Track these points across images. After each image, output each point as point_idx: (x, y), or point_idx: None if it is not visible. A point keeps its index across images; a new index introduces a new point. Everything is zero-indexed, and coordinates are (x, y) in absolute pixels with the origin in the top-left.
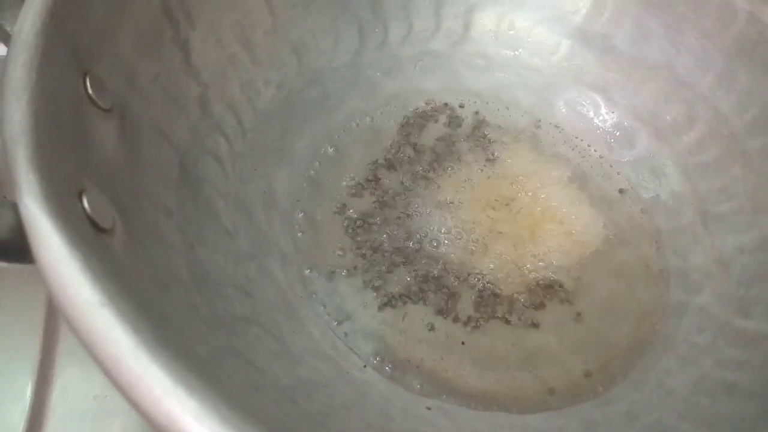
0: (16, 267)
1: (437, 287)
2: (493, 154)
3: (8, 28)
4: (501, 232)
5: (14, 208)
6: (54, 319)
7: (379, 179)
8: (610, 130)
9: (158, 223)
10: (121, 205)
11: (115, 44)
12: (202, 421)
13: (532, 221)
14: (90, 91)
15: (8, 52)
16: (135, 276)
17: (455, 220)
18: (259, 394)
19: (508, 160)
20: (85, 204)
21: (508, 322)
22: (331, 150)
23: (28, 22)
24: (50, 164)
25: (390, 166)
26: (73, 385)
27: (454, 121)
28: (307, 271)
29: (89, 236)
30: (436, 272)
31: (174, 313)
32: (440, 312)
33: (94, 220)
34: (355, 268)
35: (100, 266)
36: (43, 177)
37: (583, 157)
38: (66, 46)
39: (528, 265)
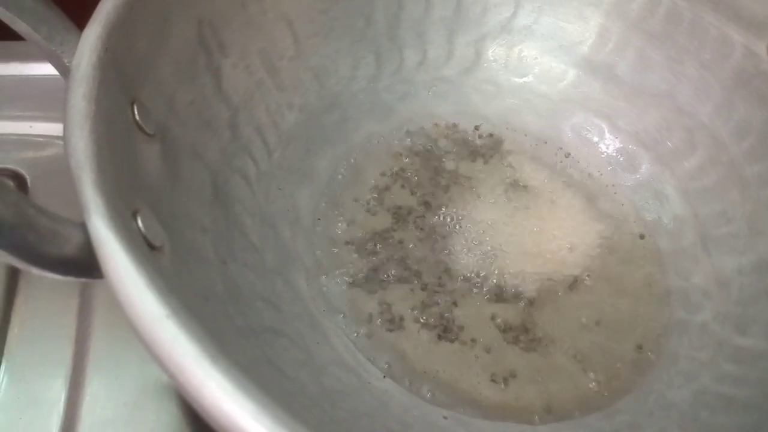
0: (47, 278)
1: (449, 303)
2: (503, 175)
3: (66, 61)
4: (506, 248)
5: (82, 228)
6: (85, 327)
7: (395, 198)
8: (614, 154)
9: (196, 241)
10: (166, 224)
11: (156, 73)
12: (259, 420)
13: (537, 239)
14: (137, 117)
15: (68, 84)
16: (183, 290)
17: (468, 236)
18: (293, 399)
19: (516, 181)
20: (140, 224)
21: (516, 335)
22: (350, 170)
23: (86, 55)
24: (111, 186)
25: (406, 185)
26: (103, 392)
27: (467, 144)
28: (325, 287)
29: (146, 254)
30: (448, 287)
31: (214, 325)
32: (452, 327)
33: (148, 239)
34: (369, 283)
35: (160, 281)
36: (107, 199)
37: (588, 180)
38: (117, 75)
39: (532, 280)
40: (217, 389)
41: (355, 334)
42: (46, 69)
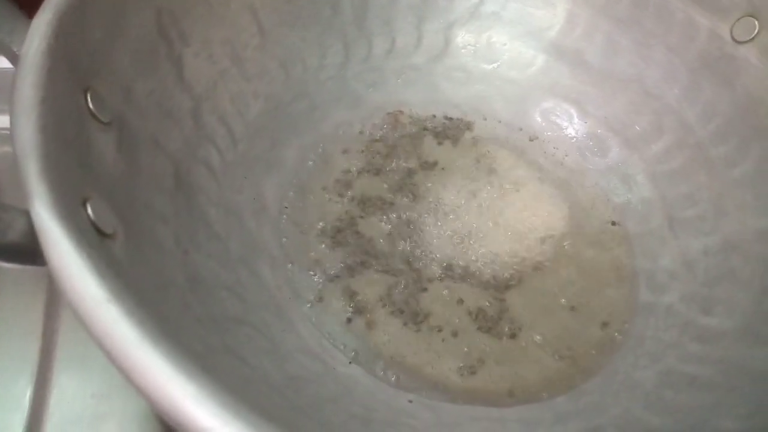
0: (13, 271)
1: (417, 289)
2: (473, 162)
3: (15, 49)
4: (476, 234)
5: (26, 215)
6: (52, 322)
7: (364, 186)
8: (583, 139)
9: (155, 230)
10: (121, 213)
11: (112, 62)
12: (201, 404)
13: (507, 224)
14: (91, 106)
15: (17, 71)
16: (135, 278)
17: (437, 222)
18: (252, 386)
19: (486, 167)
20: (90, 211)
21: (484, 320)
22: (318, 159)
23: (35, 43)
24: (58, 175)
25: (375, 173)
26: (71, 385)
27: (436, 131)
28: (292, 275)
29: (94, 241)
30: (415, 273)
31: (171, 313)
32: (420, 312)
33: (97, 226)
34: (338, 270)
35: (105, 267)
36: (52, 187)
37: (557, 164)
38: (69, 64)
39: (502, 264)
40: (158, 373)
41: (321, 322)
42: (4, 62)
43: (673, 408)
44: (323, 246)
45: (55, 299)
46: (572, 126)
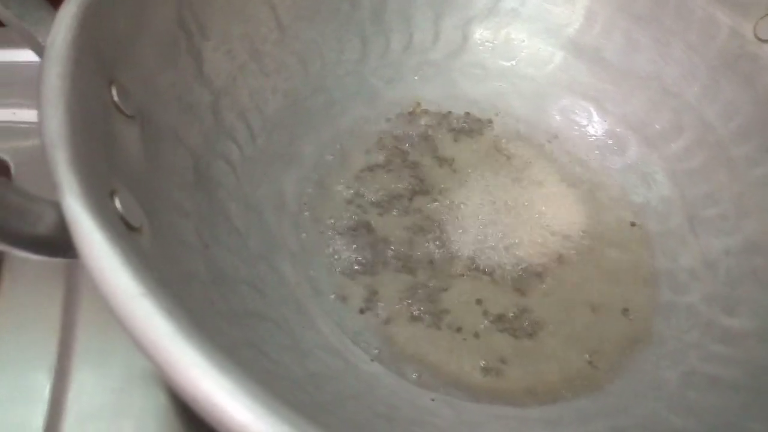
0: (31, 263)
1: (437, 287)
2: (491, 159)
3: (41, 40)
4: (495, 232)
5: (56, 207)
6: (71, 315)
7: (383, 182)
8: (602, 137)
9: (177, 224)
10: (145, 206)
11: (135, 54)
12: (236, 397)
13: (526, 222)
14: (116, 98)
15: (42, 62)
16: (162, 272)
17: (456, 220)
18: (276, 382)
19: (504, 164)
20: (117, 204)
21: (505, 319)
22: (336, 154)
23: (61, 33)
24: (87, 166)
25: (393, 169)
26: (90, 380)
27: (454, 128)
28: (312, 271)
29: (124, 234)
30: (435, 271)
31: (196, 307)
32: (440, 311)
33: (126, 220)
34: (358, 267)
35: (137, 260)
36: (82, 178)
37: (576, 162)
38: (94, 55)
39: (522, 263)
40: (192, 367)
41: (342, 318)
42: (29, 55)
43: (698, 409)
44: (342, 243)
45: (73, 292)
46: (591, 124)
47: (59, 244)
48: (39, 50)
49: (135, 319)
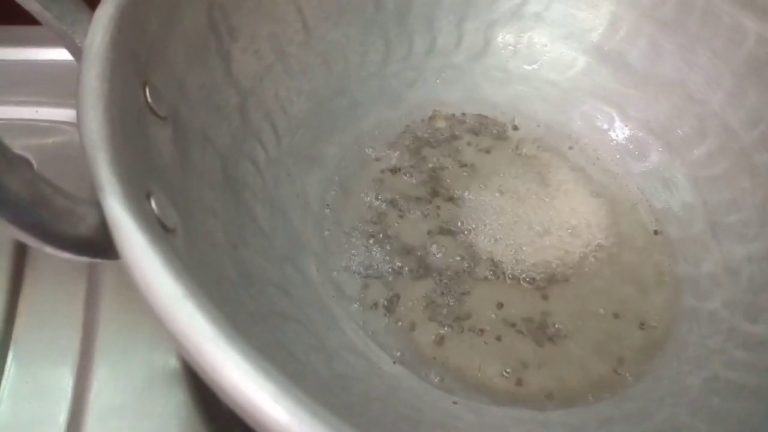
0: (53, 262)
1: (459, 290)
2: (512, 163)
3: (78, 41)
4: (516, 237)
5: (98, 208)
6: (93, 313)
7: (405, 185)
8: (624, 142)
9: (207, 224)
10: (177, 207)
11: (168, 55)
12: (279, 401)
13: (547, 227)
14: (150, 99)
15: (81, 63)
16: (197, 273)
17: (477, 224)
18: (307, 383)
19: (525, 168)
20: (153, 205)
21: (526, 323)
22: (359, 156)
23: (99, 34)
24: (125, 168)
25: (415, 172)
26: (111, 378)
27: (476, 131)
28: (335, 273)
29: (161, 235)
30: (457, 274)
31: (226, 308)
32: (462, 314)
33: (161, 221)
34: (380, 270)
35: (177, 262)
36: (122, 179)
37: (598, 167)
38: (130, 57)
39: (544, 268)
40: (235, 370)
41: (365, 320)
42: (52, 54)
43: (721, 415)
44: (365, 245)
45: (95, 291)
46: (613, 129)
47: (100, 244)
48: (75, 51)
49: (178, 321)
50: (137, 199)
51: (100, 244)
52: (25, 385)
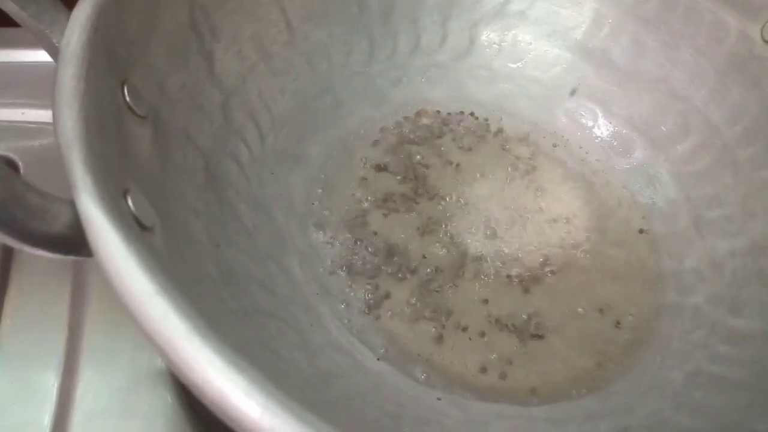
0: (38, 262)
1: (443, 287)
2: (497, 161)
3: (55, 41)
4: (501, 233)
5: (71, 206)
6: (78, 314)
7: (390, 183)
8: (608, 139)
9: (188, 223)
10: (157, 205)
11: (148, 55)
12: (251, 396)
13: (532, 223)
14: (128, 98)
15: (58, 63)
16: (175, 271)
17: (461, 221)
18: (287, 380)
19: (510, 165)
20: (130, 203)
21: (510, 319)
22: (343, 155)
23: (75, 34)
24: (101, 166)
25: (400, 170)
26: (97, 378)
27: (461, 130)
28: (320, 271)
29: (137, 233)
30: (441, 271)
31: (207, 306)
32: (446, 310)
33: (138, 219)
34: (365, 267)
35: (150, 259)
36: (96, 177)
37: (582, 164)
38: (107, 56)
39: (528, 264)
40: (208, 366)
41: (349, 318)
42: (38, 56)
43: (704, 409)
44: (350, 243)
45: (80, 292)
46: (597, 126)
47: (74, 242)
48: (53, 51)
49: (150, 318)
50: (112, 196)
51: (75, 242)
52: (11, 386)
